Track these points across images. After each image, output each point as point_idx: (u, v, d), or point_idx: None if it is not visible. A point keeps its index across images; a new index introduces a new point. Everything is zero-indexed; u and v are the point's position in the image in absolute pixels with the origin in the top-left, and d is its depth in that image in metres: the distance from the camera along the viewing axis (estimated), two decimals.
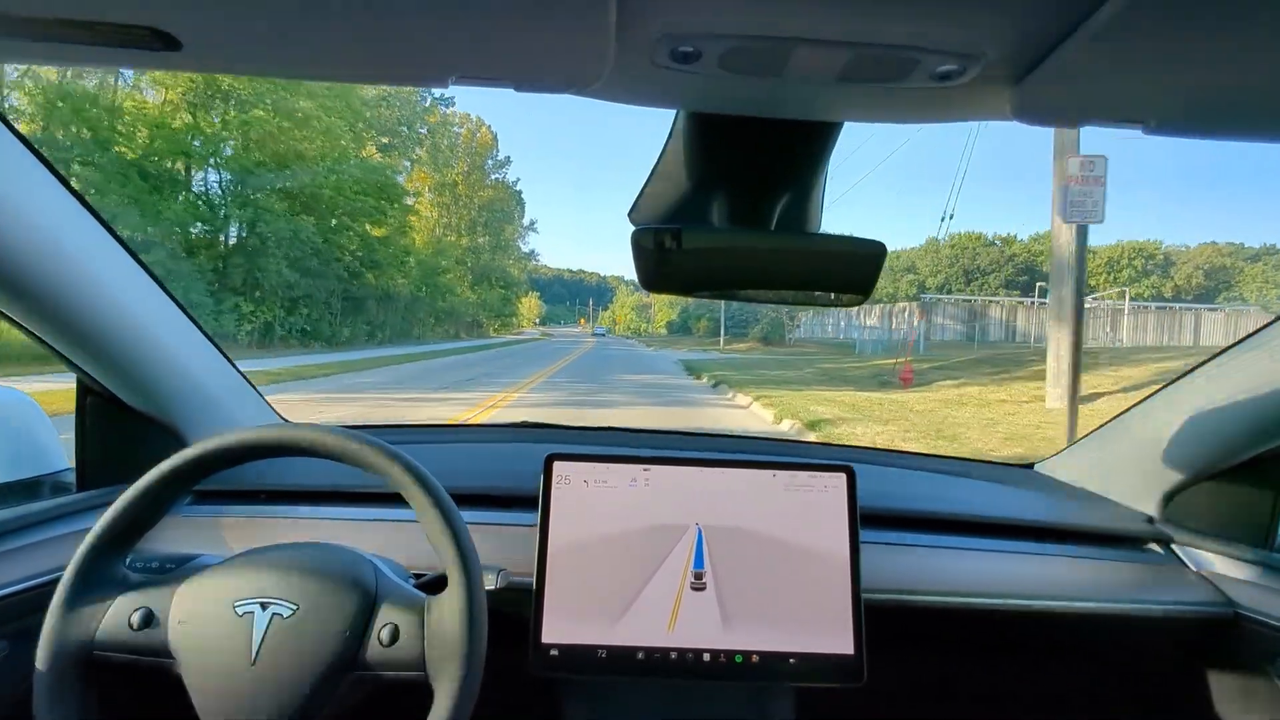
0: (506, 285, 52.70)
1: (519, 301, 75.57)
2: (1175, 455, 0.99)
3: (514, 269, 57.84)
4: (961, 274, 46.00)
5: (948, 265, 46.59)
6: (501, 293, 50.94)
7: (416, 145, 38.81)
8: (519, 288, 61.61)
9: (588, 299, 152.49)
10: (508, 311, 55.23)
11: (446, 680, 0.59)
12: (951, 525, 1.02)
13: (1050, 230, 8.85)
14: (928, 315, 27.24)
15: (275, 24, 0.36)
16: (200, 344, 0.99)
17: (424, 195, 42.09)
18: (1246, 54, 0.36)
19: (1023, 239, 46.09)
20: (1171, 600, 0.91)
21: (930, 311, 28.48)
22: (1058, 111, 0.44)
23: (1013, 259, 44.86)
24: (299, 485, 1.01)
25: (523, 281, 64.87)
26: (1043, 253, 28.37)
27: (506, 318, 57.26)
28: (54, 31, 0.36)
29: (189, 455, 0.65)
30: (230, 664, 0.59)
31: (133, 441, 0.97)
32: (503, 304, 52.11)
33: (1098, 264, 24.91)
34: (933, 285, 44.88)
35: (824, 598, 0.80)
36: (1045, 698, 1.10)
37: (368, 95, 26.66)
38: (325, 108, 23.09)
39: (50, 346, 0.83)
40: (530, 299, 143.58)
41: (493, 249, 50.86)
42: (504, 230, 53.11)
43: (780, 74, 0.41)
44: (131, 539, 0.66)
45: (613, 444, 1.23)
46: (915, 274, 48.18)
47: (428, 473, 0.65)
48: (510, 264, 56.07)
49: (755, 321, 34.48)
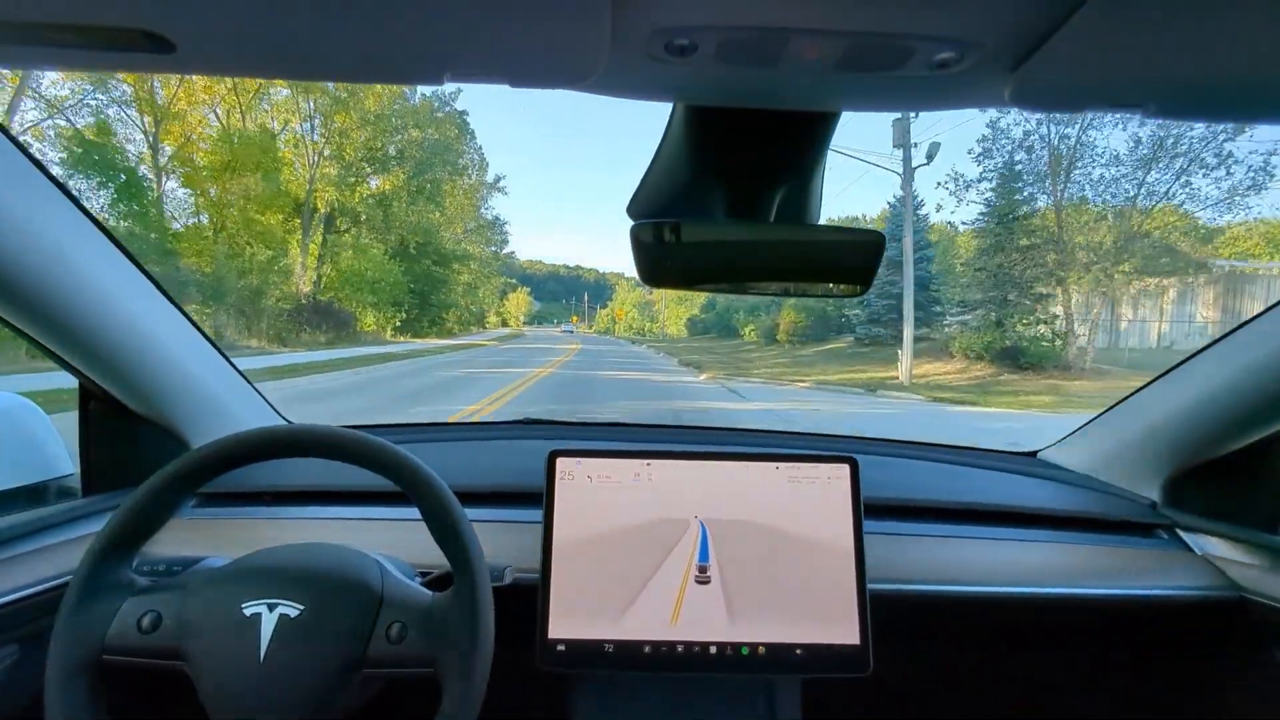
0: (444, 261, 32.47)
1: (497, 295, 58.17)
2: (1178, 440, 0.99)
3: (471, 245, 37.58)
4: None
5: None
6: (438, 272, 31.96)
7: None
8: (484, 271, 40.70)
9: (585, 296, 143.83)
10: (449, 303, 34.31)
11: (455, 675, 0.60)
12: (955, 514, 1.02)
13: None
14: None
15: (268, 25, 0.36)
16: (201, 347, 1.00)
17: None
18: (1243, 37, 0.36)
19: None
20: (1177, 585, 0.91)
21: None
22: (1056, 98, 0.44)
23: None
24: (303, 486, 1.01)
25: (487, 262, 41.31)
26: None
27: (459, 311, 36.97)
28: (44, 35, 0.36)
29: (192, 459, 0.65)
30: (239, 665, 0.60)
31: (136, 446, 0.98)
32: (436, 289, 32.19)
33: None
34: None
35: (829, 589, 0.80)
36: (1051, 685, 1.10)
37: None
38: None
39: (52, 352, 0.84)
40: (519, 294, 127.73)
41: (420, 197, 30.07)
42: (446, 181, 32.67)
43: (776, 64, 0.41)
44: (137, 543, 0.66)
45: (615, 439, 1.24)
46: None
47: (430, 470, 0.65)
48: (464, 237, 36.77)
49: (937, 316, 18.56)
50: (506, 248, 56.74)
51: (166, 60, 0.38)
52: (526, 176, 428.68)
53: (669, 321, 55.15)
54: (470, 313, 40.48)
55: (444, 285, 33.54)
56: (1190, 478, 1.01)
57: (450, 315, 35.26)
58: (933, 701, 1.11)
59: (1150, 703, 1.04)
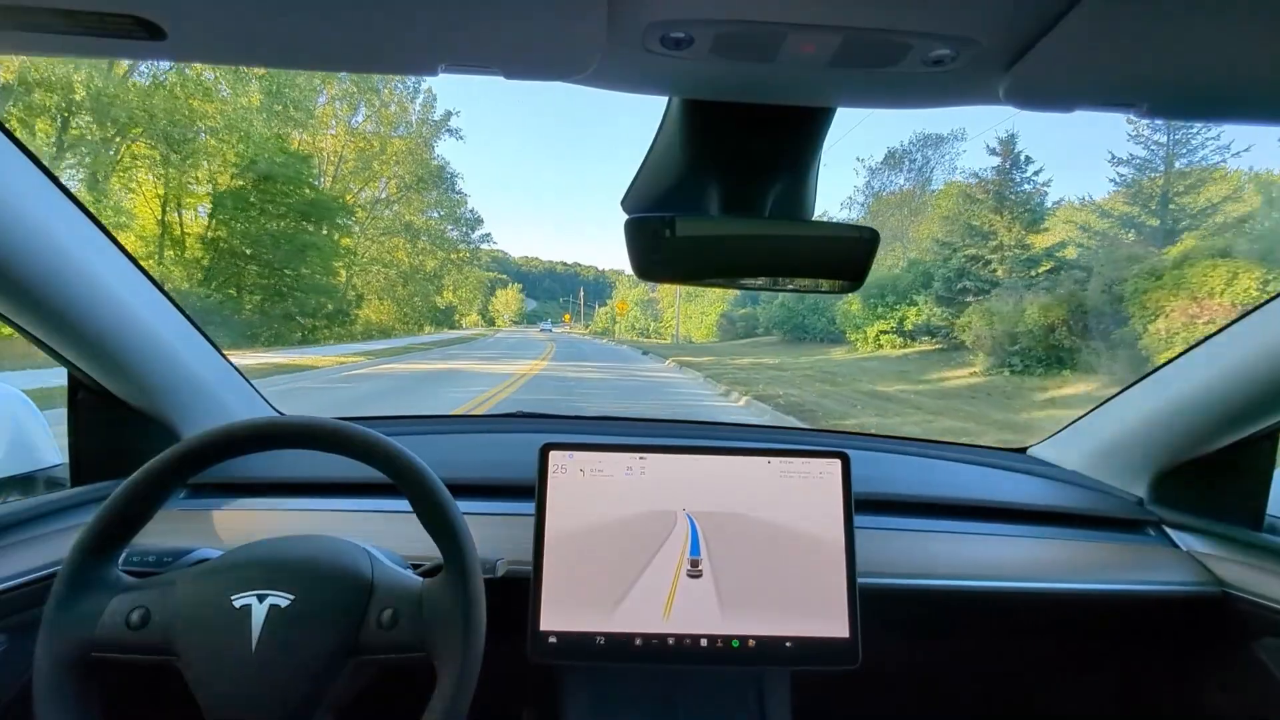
0: (318, 215, 21.02)
1: (484, 290, 47.82)
2: (1165, 438, 1.00)
3: (410, 211, 28.86)
4: None
5: None
6: (302, 233, 20.17)
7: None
8: (445, 253, 31.83)
9: (580, 292, 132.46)
10: (316, 288, 21.16)
11: (449, 658, 0.60)
12: (945, 509, 1.03)
13: None
14: None
15: (261, 12, 0.35)
16: (191, 336, 0.99)
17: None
18: (1235, 37, 0.36)
19: None
20: (1161, 580, 0.92)
21: None
22: (1050, 96, 0.44)
23: None
24: (295, 478, 1.00)
25: (438, 237, 31.53)
26: None
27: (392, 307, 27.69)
28: (31, 19, 0.35)
29: (182, 449, 0.64)
30: (231, 657, 0.60)
31: (126, 436, 0.97)
32: (293, 266, 19.99)
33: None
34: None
35: (820, 582, 0.81)
36: (1038, 678, 1.11)
37: None
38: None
39: (41, 342, 0.83)
40: (509, 291, 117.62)
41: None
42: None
43: (772, 59, 0.41)
44: (125, 536, 0.65)
45: (608, 433, 1.24)
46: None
47: (417, 458, 0.65)
48: (408, 206, 28.45)
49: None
50: (481, 229, 43.48)
51: (157, 47, 0.38)
52: (517, 166, 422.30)
53: (688, 321, 38.61)
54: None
55: (309, 256, 20.13)
56: (1177, 475, 1.02)
57: (320, 316, 21.20)
58: (921, 694, 1.13)
59: (1134, 696, 1.06)
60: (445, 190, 31.93)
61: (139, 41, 0.37)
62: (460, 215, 34.77)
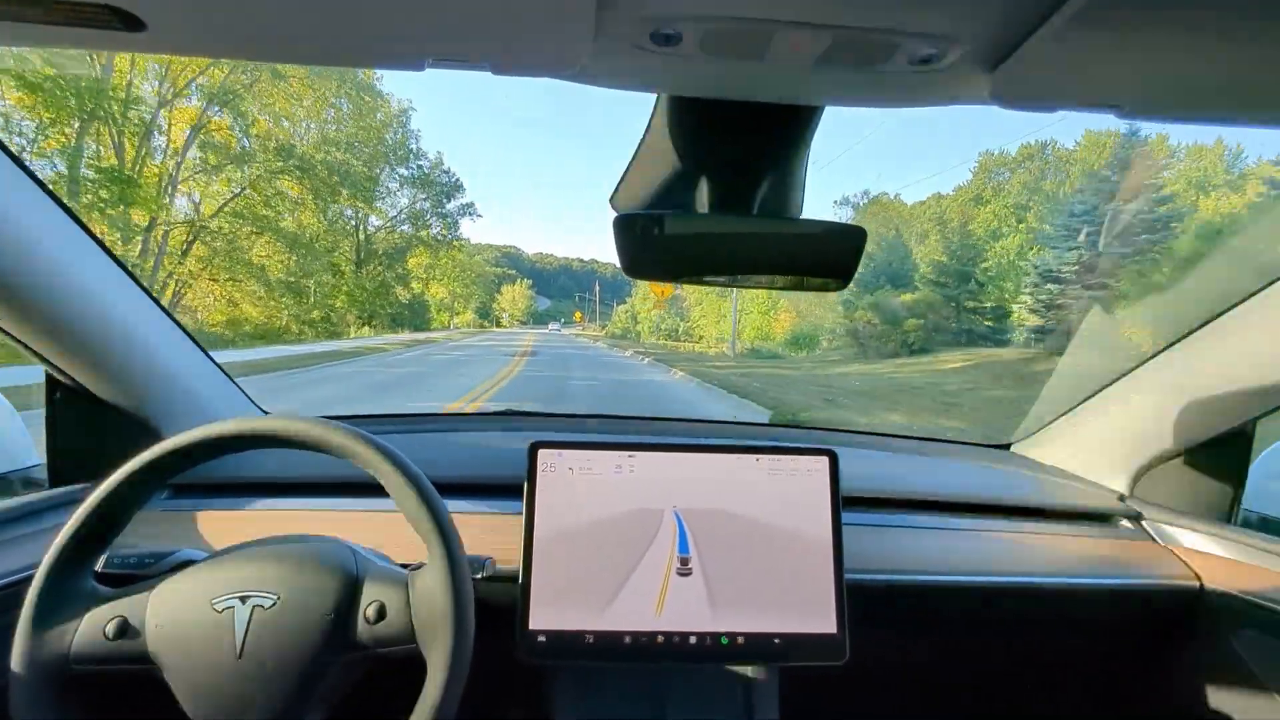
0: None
1: (483, 285, 41.51)
2: (1145, 434, 1.02)
3: (357, 161, 22.77)
4: None
5: None
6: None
7: None
8: (419, 232, 25.38)
9: (597, 289, 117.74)
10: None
11: (438, 648, 0.60)
12: (931, 505, 1.05)
13: None
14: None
15: (243, 4, 0.35)
16: (173, 335, 0.97)
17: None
18: (1218, 39, 0.36)
19: None
20: (1142, 575, 0.94)
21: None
22: (1035, 96, 0.45)
23: None
24: (279, 477, 0.99)
25: (383, 190, 25.34)
26: None
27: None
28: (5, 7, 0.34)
29: (162, 449, 0.63)
30: (216, 661, 0.59)
31: (106, 435, 0.95)
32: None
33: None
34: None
35: (808, 579, 0.81)
36: (1022, 671, 1.13)
37: None
38: None
39: (17, 339, 0.81)
40: (517, 288, 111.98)
41: None
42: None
43: (761, 57, 0.41)
44: (104, 540, 0.64)
45: (597, 431, 1.23)
46: None
47: (401, 454, 0.65)
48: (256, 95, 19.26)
49: None
50: (460, 198, 31.17)
51: (136, 39, 0.37)
52: (536, 161, 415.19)
53: (713, 320, 31.15)
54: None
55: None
56: (1157, 471, 1.04)
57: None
58: (908, 689, 1.14)
59: (1115, 688, 1.08)
60: (406, 155, 22.13)
61: (118, 33, 0.36)
62: (406, 149, 24.76)
